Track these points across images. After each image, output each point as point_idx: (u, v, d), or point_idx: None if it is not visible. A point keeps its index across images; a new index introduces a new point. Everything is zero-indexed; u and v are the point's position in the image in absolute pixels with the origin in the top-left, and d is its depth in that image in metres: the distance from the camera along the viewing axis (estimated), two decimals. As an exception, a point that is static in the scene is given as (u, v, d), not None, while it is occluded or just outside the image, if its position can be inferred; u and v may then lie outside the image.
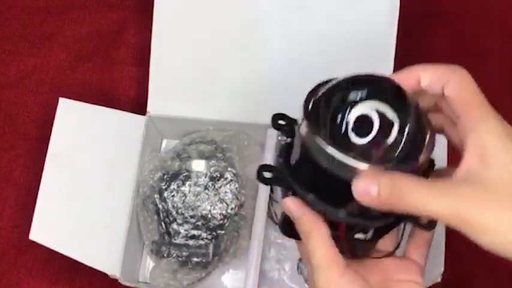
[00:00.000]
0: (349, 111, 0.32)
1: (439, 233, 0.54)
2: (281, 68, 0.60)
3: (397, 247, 0.40)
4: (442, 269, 0.53)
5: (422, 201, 0.31)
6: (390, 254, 0.40)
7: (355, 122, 0.32)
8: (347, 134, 0.32)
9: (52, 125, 0.58)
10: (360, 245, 0.39)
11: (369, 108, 0.32)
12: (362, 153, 0.32)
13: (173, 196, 0.60)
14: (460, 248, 0.62)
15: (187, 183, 0.60)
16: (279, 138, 0.39)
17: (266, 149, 0.61)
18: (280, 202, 0.38)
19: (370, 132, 0.32)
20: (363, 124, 0.32)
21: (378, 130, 0.32)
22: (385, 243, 0.40)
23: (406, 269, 0.39)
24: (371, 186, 0.31)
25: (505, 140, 0.31)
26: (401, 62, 0.61)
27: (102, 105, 0.61)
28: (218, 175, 0.61)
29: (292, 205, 0.37)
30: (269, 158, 0.61)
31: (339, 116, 0.32)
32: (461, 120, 0.32)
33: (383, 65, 0.58)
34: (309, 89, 0.35)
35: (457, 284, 0.62)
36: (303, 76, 0.61)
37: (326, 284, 0.35)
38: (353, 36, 0.59)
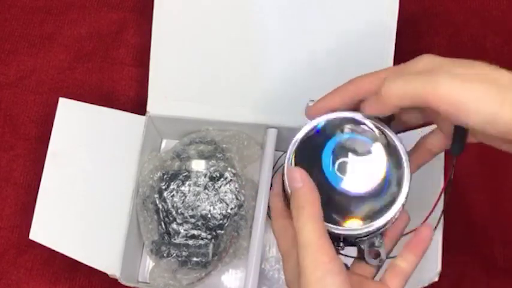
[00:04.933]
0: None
1: (436, 232, 0.54)
2: (281, 67, 0.60)
3: (389, 253, 0.41)
4: (439, 268, 0.53)
5: (395, 86, 0.36)
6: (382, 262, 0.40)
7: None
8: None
9: (52, 125, 0.58)
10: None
11: None
12: None
13: (173, 196, 0.60)
14: (458, 247, 0.63)
15: (187, 183, 0.60)
16: None
17: (266, 149, 0.61)
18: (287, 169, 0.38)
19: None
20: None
21: None
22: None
23: None
24: None
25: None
26: (401, 62, 0.61)
27: (102, 105, 0.61)
28: (218, 175, 0.61)
29: (298, 174, 0.36)
30: (269, 158, 0.61)
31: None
32: None
33: (383, 65, 0.58)
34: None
35: (454, 282, 0.62)
36: (303, 76, 0.61)
37: (312, 265, 0.33)
38: (353, 36, 0.59)
